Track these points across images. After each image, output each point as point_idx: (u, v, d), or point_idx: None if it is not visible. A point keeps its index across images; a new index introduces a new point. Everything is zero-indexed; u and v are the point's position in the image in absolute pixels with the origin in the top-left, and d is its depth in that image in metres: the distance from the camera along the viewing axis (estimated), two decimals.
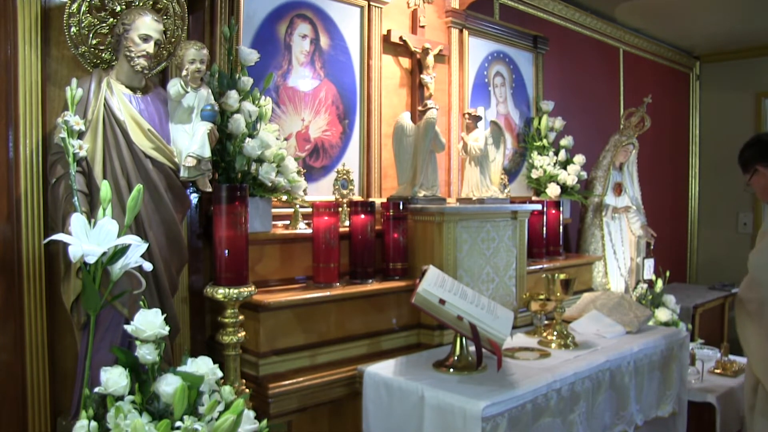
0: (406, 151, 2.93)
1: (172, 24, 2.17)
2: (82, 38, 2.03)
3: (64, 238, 1.65)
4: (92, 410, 1.60)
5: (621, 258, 4.21)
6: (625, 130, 4.24)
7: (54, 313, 2.04)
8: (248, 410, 1.73)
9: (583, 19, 4.72)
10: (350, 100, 2.96)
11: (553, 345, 2.63)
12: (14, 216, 1.97)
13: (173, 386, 1.58)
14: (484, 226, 2.86)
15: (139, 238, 1.75)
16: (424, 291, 2.18)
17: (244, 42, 2.52)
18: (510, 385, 2.09)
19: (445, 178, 3.38)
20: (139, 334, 1.65)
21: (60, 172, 1.92)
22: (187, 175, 2.07)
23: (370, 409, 2.25)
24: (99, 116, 1.96)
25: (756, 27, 5.22)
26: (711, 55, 6.17)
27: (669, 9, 4.81)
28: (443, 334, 2.68)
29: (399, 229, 2.76)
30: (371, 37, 2.99)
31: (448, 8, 3.37)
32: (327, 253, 2.50)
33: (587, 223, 4.19)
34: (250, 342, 2.23)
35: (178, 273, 2.17)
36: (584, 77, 4.80)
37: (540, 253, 3.53)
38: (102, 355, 1.88)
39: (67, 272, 1.96)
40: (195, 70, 2.08)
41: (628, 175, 4.34)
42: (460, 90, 3.45)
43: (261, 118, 2.31)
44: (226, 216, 2.07)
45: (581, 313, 3.08)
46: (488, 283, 2.89)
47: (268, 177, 2.27)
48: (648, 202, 4.57)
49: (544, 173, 3.80)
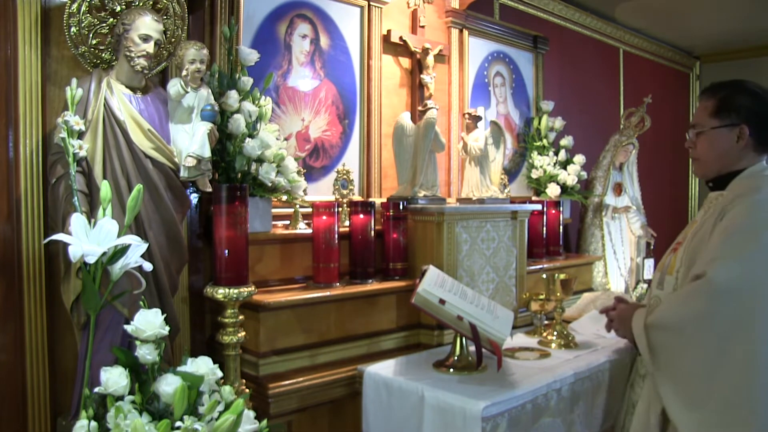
0: (406, 151, 2.93)
1: (172, 24, 2.17)
2: (82, 38, 2.03)
3: (64, 238, 1.65)
4: (92, 410, 1.60)
5: (621, 258, 4.21)
6: (625, 130, 4.24)
7: (54, 313, 2.04)
8: (248, 410, 1.72)
9: (583, 19, 4.72)
10: (350, 100, 2.96)
11: (553, 345, 2.63)
12: (14, 216, 1.97)
13: (173, 386, 1.58)
14: (484, 226, 2.86)
15: (139, 238, 1.75)
16: (424, 291, 2.17)
17: (244, 42, 2.52)
18: (510, 385, 2.09)
19: (445, 178, 3.38)
20: (139, 334, 1.64)
21: (60, 172, 1.92)
22: (187, 175, 2.07)
23: (370, 409, 2.25)
24: (99, 116, 1.96)
25: (756, 27, 5.22)
26: (711, 55, 6.17)
27: (669, 9, 4.81)
28: (443, 334, 2.68)
29: (399, 229, 2.76)
30: (371, 37, 2.99)
31: (448, 8, 3.37)
32: (327, 253, 2.50)
33: (587, 223, 4.19)
34: (250, 342, 2.23)
35: (178, 273, 2.17)
36: (584, 77, 4.80)
37: (540, 253, 3.54)
38: (102, 355, 1.88)
39: (67, 272, 1.96)
40: (195, 70, 2.08)
41: (628, 175, 4.34)
42: (460, 90, 3.45)
43: (261, 118, 2.31)
44: (226, 216, 2.07)
45: (581, 313, 3.08)
46: (488, 283, 2.89)
47: (268, 177, 2.27)
48: (648, 202, 4.57)
49: (544, 173, 3.80)
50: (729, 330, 1.81)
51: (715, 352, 1.82)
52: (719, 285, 1.83)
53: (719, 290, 1.83)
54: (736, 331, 1.80)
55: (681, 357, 1.88)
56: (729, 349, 1.80)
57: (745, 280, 1.81)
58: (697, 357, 1.86)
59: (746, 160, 2.03)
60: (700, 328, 1.86)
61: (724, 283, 1.82)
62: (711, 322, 1.84)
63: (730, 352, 1.80)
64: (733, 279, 1.82)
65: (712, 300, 1.84)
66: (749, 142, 2.01)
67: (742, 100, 2.02)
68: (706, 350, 1.84)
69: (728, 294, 1.82)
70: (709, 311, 1.85)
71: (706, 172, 2.11)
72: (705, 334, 1.85)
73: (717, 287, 1.83)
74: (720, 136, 2.04)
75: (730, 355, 1.80)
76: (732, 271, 1.82)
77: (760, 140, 2.02)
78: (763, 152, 2.04)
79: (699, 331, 1.86)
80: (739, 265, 1.82)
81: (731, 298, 1.82)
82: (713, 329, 1.83)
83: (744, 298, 1.81)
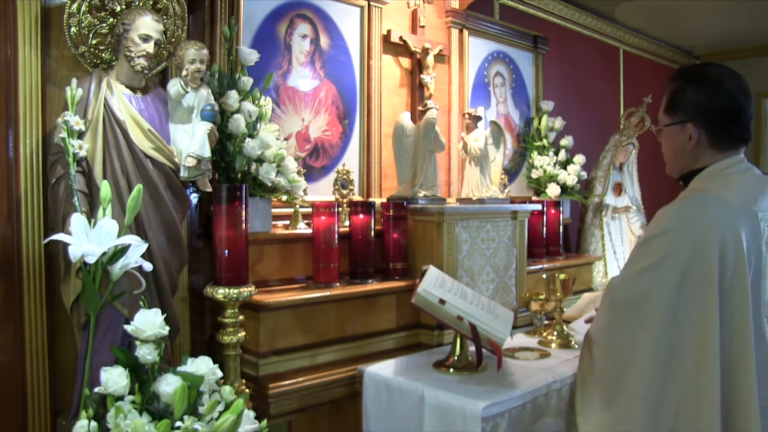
0: (406, 151, 2.93)
1: (172, 24, 2.17)
2: (82, 38, 2.03)
3: (64, 238, 1.65)
4: (92, 410, 1.60)
5: (621, 258, 4.21)
6: (625, 130, 4.23)
7: (54, 313, 2.04)
8: (248, 410, 1.72)
9: (583, 19, 4.72)
10: (350, 100, 2.96)
11: (553, 345, 2.63)
12: (14, 216, 1.97)
13: (173, 386, 1.58)
14: (484, 226, 2.86)
15: (139, 238, 1.75)
16: (424, 291, 2.17)
17: (244, 42, 2.52)
18: (510, 385, 2.09)
19: (445, 178, 3.38)
20: (139, 334, 1.64)
21: (60, 172, 1.92)
22: (187, 175, 2.07)
23: (370, 409, 2.25)
24: (99, 116, 1.95)
25: (756, 27, 5.22)
26: (711, 55, 6.17)
27: (669, 9, 4.81)
28: (443, 334, 2.68)
29: (399, 229, 2.76)
30: (371, 37, 2.99)
31: (448, 8, 3.37)
32: (327, 253, 2.50)
33: (587, 223, 4.19)
34: (250, 342, 2.23)
35: (178, 273, 2.17)
36: (584, 77, 4.80)
37: (540, 253, 3.53)
38: (102, 355, 1.88)
39: (67, 272, 1.96)
40: (195, 70, 2.08)
41: (628, 175, 4.34)
42: (460, 90, 3.44)
43: (261, 118, 2.31)
44: (226, 216, 2.07)
45: (581, 313, 3.08)
46: (488, 283, 2.89)
47: (268, 177, 2.27)
48: (648, 202, 4.56)
49: (544, 173, 3.80)
50: (628, 341, 1.80)
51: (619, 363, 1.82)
52: (616, 297, 1.88)
53: (617, 301, 1.88)
54: (632, 341, 1.79)
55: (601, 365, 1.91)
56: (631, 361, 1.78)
57: (635, 290, 1.81)
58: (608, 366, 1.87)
59: (705, 158, 1.85)
60: (605, 339, 1.90)
61: (620, 295, 1.87)
62: (612, 334, 1.86)
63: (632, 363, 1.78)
64: (627, 289, 1.84)
65: (613, 312, 1.89)
66: (702, 140, 1.82)
67: (690, 94, 1.82)
68: (613, 361, 1.85)
69: (624, 304, 1.84)
70: (611, 323, 1.89)
71: (669, 170, 2.01)
72: (611, 346, 1.86)
73: (615, 299, 1.89)
74: (672, 135, 1.89)
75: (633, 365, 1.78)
76: (627, 281, 1.86)
77: (715, 137, 1.81)
78: (724, 149, 1.83)
79: (605, 341, 1.89)
80: (631, 275, 1.85)
81: (627, 308, 1.83)
82: (615, 340, 1.84)
83: (634, 306, 1.80)
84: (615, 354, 1.84)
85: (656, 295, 1.74)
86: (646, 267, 1.78)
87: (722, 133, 1.82)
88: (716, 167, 1.83)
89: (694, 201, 1.82)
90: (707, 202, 1.77)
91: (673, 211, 1.82)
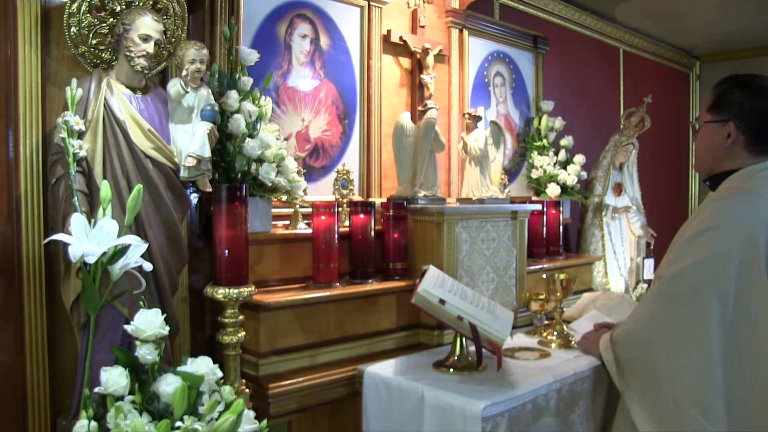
0: (406, 151, 2.93)
1: (172, 24, 2.17)
2: (82, 38, 2.03)
3: (64, 238, 1.64)
4: (92, 410, 1.60)
5: (621, 258, 4.21)
6: (625, 130, 4.24)
7: (54, 313, 2.04)
8: (248, 410, 1.72)
9: (583, 19, 4.72)
10: (350, 100, 2.96)
11: (553, 345, 2.63)
12: (14, 216, 1.97)
13: (173, 386, 1.58)
14: (484, 226, 2.86)
15: (139, 238, 1.75)
16: (424, 291, 2.17)
17: (244, 42, 2.52)
18: (510, 385, 2.09)
19: (445, 178, 3.38)
20: (139, 334, 1.64)
21: (60, 172, 1.92)
22: (187, 175, 2.07)
23: (370, 409, 2.25)
24: (99, 116, 1.95)
25: (756, 27, 5.22)
26: (711, 55, 6.17)
27: (669, 9, 4.81)
28: (443, 334, 2.68)
29: (399, 229, 2.76)
30: (371, 37, 2.99)
31: (448, 8, 3.37)
32: (327, 253, 2.50)
33: (587, 223, 4.19)
34: (250, 342, 2.23)
35: (178, 273, 2.17)
36: (584, 77, 4.80)
37: (540, 253, 3.53)
38: (102, 355, 1.88)
39: (67, 272, 1.96)
40: (195, 70, 2.08)
41: (628, 175, 4.34)
42: (460, 90, 3.45)
43: (261, 118, 2.31)
44: (226, 216, 2.07)
45: (581, 313, 3.08)
46: (488, 283, 2.89)
47: (268, 177, 2.27)
48: (648, 202, 4.57)
49: (544, 173, 3.80)
50: (683, 334, 1.82)
51: (673, 357, 1.83)
52: (669, 289, 1.89)
53: (669, 293, 1.88)
54: (689, 335, 1.81)
55: (647, 368, 1.90)
56: (685, 352, 1.81)
57: (688, 283, 1.84)
58: (659, 365, 1.87)
59: (740, 159, 1.93)
60: (658, 333, 1.89)
61: (673, 287, 1.88)
62: (666, 326, 1.86)
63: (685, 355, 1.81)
64: (679, 282, 1.86)
65: (668, 304, 1.89)
66: (740, 141, 1.92)
67: (736, 96, 1.92)
68: (666, 355, 1.85)
69: (677, 296, 1.86)
70: (663, 314, 1.89)
71: (698, 167, 2.10)
72: (664, 339, 1.87)
73: (667, 291, 1.89)
74: (710, 132, 1.97)
75: (686, 359, 1.81)
76: (679, 275, 1.86)
77: (753, 140, 1.91)
78: (759, 152, 1.92)
79: (658, 336, 1.89)
80: (682, 269, 1.86)
81: (681, 301, 1.85)
82: (671, 334, 1.85)
83: (689, 299, 1.83)
84: (668, 344, 1.85)
85: (709, 287, 1.80)
86: (698, 261, 1.84)
87: (759, 137, 1.92)
88: (752, 169, 1.93)
89: (741, 198, 1.88)
90: (754, 199, 1.85)
91: (721, 207, 1.89)
